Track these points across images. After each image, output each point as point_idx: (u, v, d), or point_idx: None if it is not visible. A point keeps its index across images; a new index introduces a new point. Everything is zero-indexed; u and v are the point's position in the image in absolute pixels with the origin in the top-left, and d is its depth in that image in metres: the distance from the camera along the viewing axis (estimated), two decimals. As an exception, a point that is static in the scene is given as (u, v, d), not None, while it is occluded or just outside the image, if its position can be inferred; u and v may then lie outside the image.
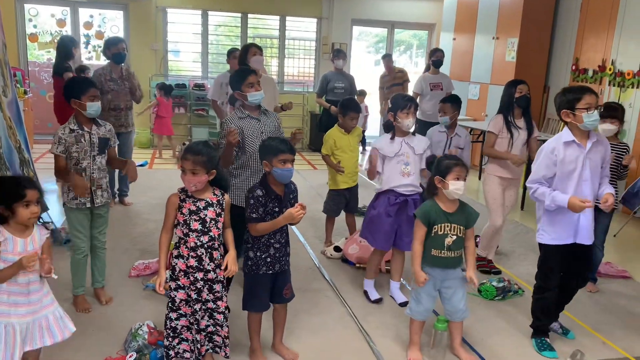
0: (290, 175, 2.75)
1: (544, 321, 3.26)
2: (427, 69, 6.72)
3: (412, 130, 3.60)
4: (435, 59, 6.51)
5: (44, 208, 2.60)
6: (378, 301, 3.70)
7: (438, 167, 2.92)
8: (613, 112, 3.81)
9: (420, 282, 2.89)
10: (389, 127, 3.64)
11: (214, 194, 2.69)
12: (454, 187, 2.84)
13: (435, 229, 2.89)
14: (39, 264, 2.38)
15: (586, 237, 3.07)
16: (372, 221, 3.65)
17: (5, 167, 4.06)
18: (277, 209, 2.76)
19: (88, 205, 3.29)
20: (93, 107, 3.21)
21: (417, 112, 4.05)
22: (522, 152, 4.19)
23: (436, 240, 2.89)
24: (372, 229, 3.65)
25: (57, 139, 3.19)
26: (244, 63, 4.58)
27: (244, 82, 3.24)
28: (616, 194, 3.98)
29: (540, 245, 3.19)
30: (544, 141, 7.11)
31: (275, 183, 2.76)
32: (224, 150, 3.21)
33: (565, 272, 3.21)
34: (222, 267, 2.66)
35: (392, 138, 3.57)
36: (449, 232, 2.89)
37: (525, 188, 6.42)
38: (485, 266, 4.36)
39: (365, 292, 3.79)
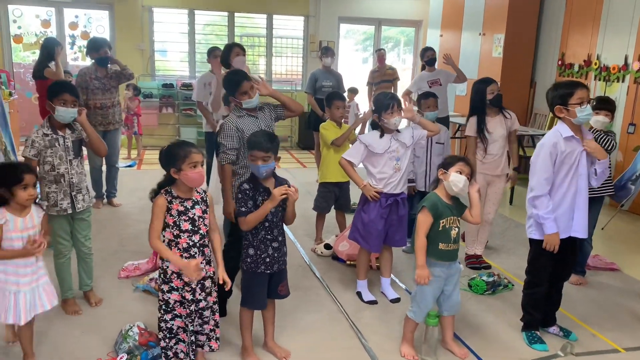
0: (258, 171, 2.75)
1: (534, 315, 3.27)
2: (423, 68, 6.74)
3: (399, 127, 3.60)
4: (427, 58, 6.53)
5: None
6: (372, 303, 3.69)
7: (444, 161, 3.00)
8: (606, 104, 3.85)
9: (424, 279, 2.85)
10: (375, 126, 3.63)
11: (197, 192, 2.69)
12: (454, 177, 2.85)
13: (442, 222, 2.89)
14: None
15: (580, 231, 3.07)
16: (364, 227, 3.62)
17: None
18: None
19: (69, 211, 3.25)
20: (60, 112, 3.10)
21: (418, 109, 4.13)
22: (504, 148, 4.22)
23: (444, 234, 2.89)
24: (365, 234, 3.63)
25: (30, 142, 3.11)
26: (226, 63, 4.56)
27: (237, 90, 3.20)
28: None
29: (532, 240, 3.19)
30: (532, 136, 7.15)
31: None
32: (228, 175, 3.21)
33: (554, 266, 3.22)
34: (220, 282, 2.72)
35: (382, 136, 3.56)
36: (452, 224, 2.91)
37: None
38: (475, 262, 4.38)
39: (359, 293, 3.78)
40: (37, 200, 2.78)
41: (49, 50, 5.84)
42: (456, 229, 2.92)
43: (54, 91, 3.13)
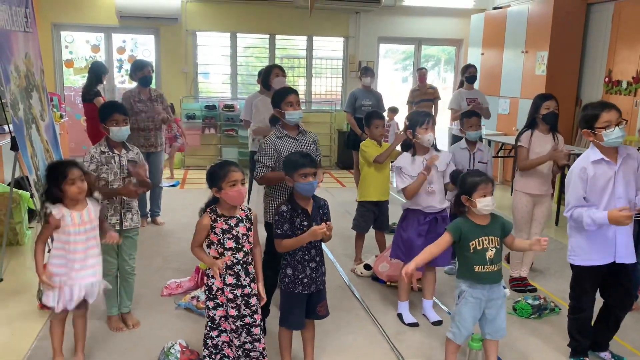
0: (311, 188, 2.76)
1: (581, 341, 3.15)
2: (461, 85, 6.68)
3: (432, 144, 3.57)
4: (469, 75, 6.50)
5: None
6: (413, 325, 3.64)
7: (463, 185, 2.86)
8: None
9: (406, 272, 2.80)
10: (408, 146, 3.62)
11: (242, 209, 2.73)
12: (482, 204, 2.77)
13: (472, 244, 2.81)
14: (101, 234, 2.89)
15: (626, 256, 2.94)
16: (404, 244, 3.61)
17: (43, 188, 4.16)
18: (305, 224, 2.76)
19: (117, 227, 3.32)
20: (114, 132, 3.25)
21: (456, 128, 4.07)
22: (549, 168, 4.12)
23: (477, 256, 2.81)
24: (406, 250, 3.61)
25: (90, 157, 3.25)
26: (266, 84, 4.63)
27: (284, 100, 3.28)
28: None
29: (572, 266, 3.09)
30: (578, 155, 6.96)
31: (301, 197, 2.79)
32: (274, 176, 3.23)
33: (606, 294, 3.10)
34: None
35: (413, 156, 3.54)
36: (488, 245, 2.82)
37: (559, 203, 6.29)
38: (520, 285, 4.26)
39: (400, 315, 3.73)
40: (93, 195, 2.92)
41: (97, 73, 6.06)
42: (493, 249, 2.82)
43: (105, 114, 3.30)
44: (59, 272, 2.78)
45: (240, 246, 2.67)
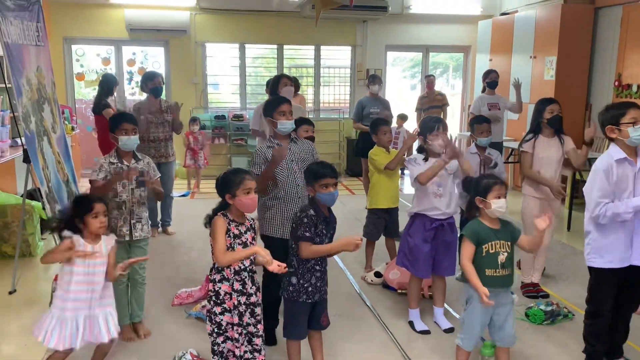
0: (333, 198, 2.78)
1: (597, 347, 3.11)
2: (483, 90, 6.70)
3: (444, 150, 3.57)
4: (490, 80, 6.53)
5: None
6: (424, 332, 3.62)
7: (477, 187, 2.87)
8: None
9: (485, 296, 2.70)
10: (422, 150, 3.64)
11: (247, 219, 2.75)
12: (496, 205, 2.78)
13: (485, 248, 2.81)
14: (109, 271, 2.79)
15: None
16: (411, 251, 3.61)
17: (54, 200, 4.21)
18: (324, 232, 2.79)
19: (127, 238, 3.34)
20: (123, 141, 3.28)
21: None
22: (556, 171, 4.11)
23: (489, 260, 2.80)
24: (412, 259, 3.60)
25: (99, 167, 3.29)
26: (275, 93, 4.65)
27: (276, 109, 3.26)
28: None
29: (591, 269, 3.05)
30: (589, 159, 6.90)
31: (322, 205, 2.81)
32: (260, 178, 3.21)
33: (618, 296, 3.06)
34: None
35: (426, 159, 3.55)
36: (499, 249, 2.81)
37: (570, 208, 6.24)
38: (532, 290, 4.23)
39: (411, 323, 3.71)
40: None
41: (108, 85, 6.13)
42: (505, 253, 2.81)
43: (114, 123, 3.33)
44: (64, 308, 2.69)
45: None
